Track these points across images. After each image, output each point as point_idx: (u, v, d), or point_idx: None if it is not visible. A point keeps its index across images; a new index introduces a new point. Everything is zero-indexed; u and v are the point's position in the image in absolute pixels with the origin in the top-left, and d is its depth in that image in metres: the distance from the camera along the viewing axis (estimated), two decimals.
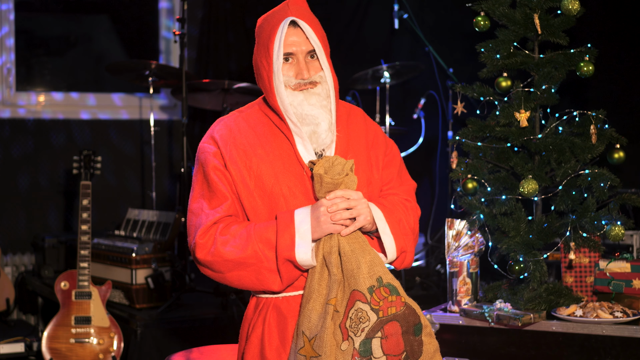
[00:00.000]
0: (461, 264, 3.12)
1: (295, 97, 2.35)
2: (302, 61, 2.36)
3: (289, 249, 2.25)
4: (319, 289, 2.25)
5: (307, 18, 2.37)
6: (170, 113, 6.25)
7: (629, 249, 3.69)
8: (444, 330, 3.09)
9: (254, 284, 2.30)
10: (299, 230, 2.26)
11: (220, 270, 2.30)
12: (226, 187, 2.35)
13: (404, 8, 5.60)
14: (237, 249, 2.27)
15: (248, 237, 2.27)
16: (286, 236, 2.25)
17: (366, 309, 2.20)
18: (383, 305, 2.22)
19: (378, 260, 2.27)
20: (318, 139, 2.36)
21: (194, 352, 2.79)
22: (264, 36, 2.38)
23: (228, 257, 2.27)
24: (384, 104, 5.43)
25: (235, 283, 2.31)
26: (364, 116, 2.57)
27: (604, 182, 2.93)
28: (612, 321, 2.84)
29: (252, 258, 2.27)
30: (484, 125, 3.17)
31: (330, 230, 2.26)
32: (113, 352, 4.05)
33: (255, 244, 2.26)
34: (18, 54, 5.83)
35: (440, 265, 5.03)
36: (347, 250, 2.25)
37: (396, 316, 2.22)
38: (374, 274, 2.24)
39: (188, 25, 5.20)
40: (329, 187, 2.27)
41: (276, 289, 2.30)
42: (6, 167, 5.66)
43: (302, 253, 2.25)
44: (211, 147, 2.39)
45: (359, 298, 2.20)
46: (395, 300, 2.23)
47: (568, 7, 3.04)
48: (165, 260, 4.41)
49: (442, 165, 5.63)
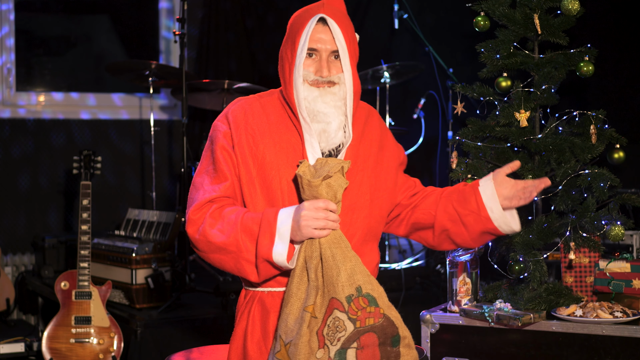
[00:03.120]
0: (461, 264, 3.12)
1: (311, 92, 2.35)
2: (325, 59, 2.36)
3: (268, 248, 2.25)
4: (297, 293, 2.23)
5: (338, 18, 2.36)
6: (170, 113, 6.25)
7: (629, 249, 3.69)
8: (444, 330, 3.09)
9: (232, 270, 2.34)
10: (279, 230, 2.25)
11: (203, 250, 2.33)
12: (229, 168, 2.37)
13: (404, 8, 5.60)
14: (221, 233, 2.29)
15: (234, 224, 2.28)
16: (266, 235, 2.26)
17: (343, 318, 2.18)
18: (361, 316, 2.19)
19: (359, 268, 2.23)
20: (328, 138, 2.36)
21: (194, 352, 2.79)
22: (294, 29, 2.39)
23: (212, 240, 2.30)
24: (384, 104, 5.43)
25: (217, 265, 2.35)
26: (380, 119, 2.58)
27: (604, 182, 2.94)
28: (612, 321, 2.85)
29: (233, 246, 2.28)
30: (484, 125, 3.17)
31: (310, 234, 2.23)
32: (113, 352, 4.05)
33: (239, 233, 2.27)
34: (18, 54, 5.83)
35: (440, 265, 5.03)
36: (328, 255, 2.22)
37: (373, 327, 2.19)
38: (353, 282, 2.20)
39: (188, 25, 5.20)
40: (309, 191, 2.24)
41: (253, 280, 2.33)
42: (6, 167, 5.66)
43: (278, 254, 2.25)
44: (223, 126, 2.42)
45: (337, 306, 2.18)
46: (374, 312, 2.20)
47: (568, 7, 3.04)
48: (165, 260, 4.41)
49: (442, 165, 5.63)
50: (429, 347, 3.10)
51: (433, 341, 3.10)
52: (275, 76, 6.52)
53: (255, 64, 6.25)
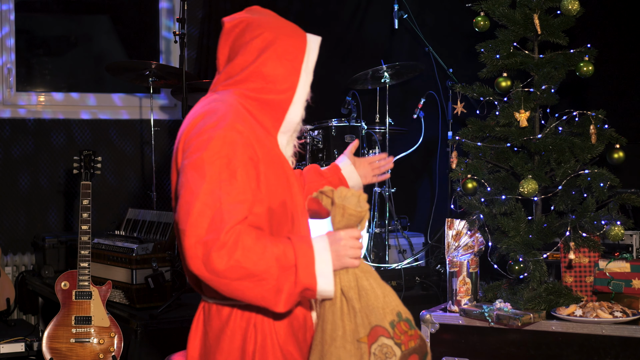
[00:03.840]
0: (461, 263, 3.12)
1: None
2: None
3: (310, 277, 2.17)
4: (343, 325, 2.22)
5: None
6: (171, 113, 6.25)
7: (629, 249, 3.69)
8: (444, 330, 3.09)
9: (256, 299, 2.17)
10: (319, 259, 2.19)
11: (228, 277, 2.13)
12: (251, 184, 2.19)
13: (404, 8, 5.60)
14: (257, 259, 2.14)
15: (264, 250, 2.14)
16: (306, 263, 2.17)
17: (390, 344, 2.21)
18: (404, 339, 2.23)
19: (393, 295, 2.28)
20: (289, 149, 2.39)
21: None
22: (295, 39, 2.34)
23: (246, 265, 2.12)
24: (384, 104, 5.43)
25: (235, 293, 2.17)
26: None
27: (604, 182, 2.94)
28: (611, 321, 2.85)
29: (266, 273, 2.14)
30: (484, 125, 3.17)
31: (348, 264, 2.22)
32: (113, 351, 4.05)
33: (270, 260, 2.14)
34: (18, 54, 5.83)
35: (440, 265, 5.03)
36: (366, 285, 2.25)
37: (415, 349, 2.25)
38: (393, 308, 2.25)
39: (188, 25, 5.20)
40: (351, 220, 2.23)
41: (279, 311, 2.19)
42: (6, 167, 5.66)
43: (324, 284, 2.19)
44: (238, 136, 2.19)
45: (383, 333, 2.21)
46: (414, 334, 2.26)
47: (568, 7, 3.05)
48: (165, 260, 4.41)
49: (442, 165, 5.63)
50: (429, 347, 3.10)
51: (433, 341, 3.10)
52: None
53: None
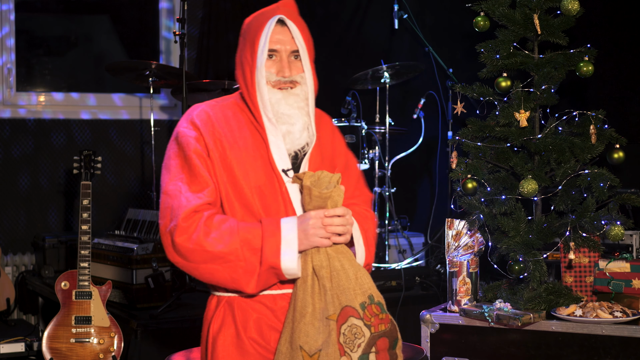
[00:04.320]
0: (461, 263, 3.12)
1: (274, 95, 2.36)
2: (285, 60, 2.37)
3: (275, 255, 2.25)
4: (313, 302, 2.25)
5: (295, 19, 2.39)
6: (171, 113, 6.25)
7: (629, 249, 3.69)
8: (444, 330, 3.09)
9: (226, 281, 2.28)
10: (285, 238, 2.26)
11: (195, 260, 2.26)
12: (208, 172, 2.33)
13: (404, 8, 5.60)
14: (218, 242, 2.25)
15: (231, 233, 2.25)
16: (272, 243, 2.25)
17: (360, 325, 2.23)
18: (374, 322, 2.25)
19: (367, 277, 2.30)
20: (293, 139, 2.38)
21: (194, 352, 2.79)
22: (252, 32, 2.38)
23: (208, 248, 2.24)
24: (384, 104, 5.43)
25: (205, 276, 2.28)
26: (331, 123, 2.60)
27: (604, 182, 2.94)
28: (611, 321, 2.85)
29: (232, 255, 2.25)
30: (484, 125, 3.17)
31: (317, 243, 2.27)
32: (113, 351, 4.05)
33: (237, 243, 2.25)
34: (18, 54, 5.83)
35: (440, 265, 5.03)
36: (338, 265, 2.27)
37: (385, 332, 2.26)
38: (365, 290, 2.26)
39: (188, 25, 5.20)
40: (318, 201, 2.28)
41: (249, 291, 2.29)
42: (6, 167, 5.66)
43: (288, 261, 2.26)
44: (192, 131, 2.35)
45: (352, 314, 2.23)
46: (385, 318, 2.28)
47: (568, 7, 3.05)
48: (165, 260, 4.41)
49: (442, 165, 5.63)
50: (429, 347, 3.10)
51: (433, 341, 3.10)
52: None
53: None
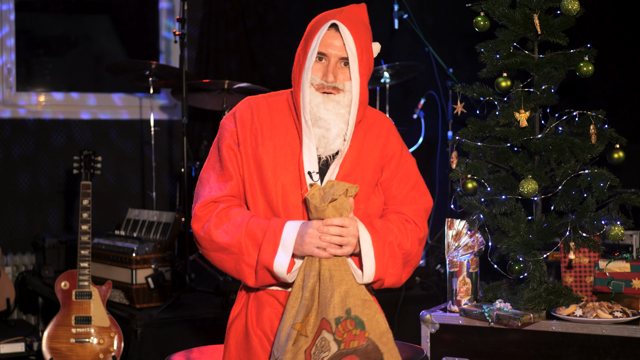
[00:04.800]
0: (461, 263, 3.12)
1: (315, 98, 2.35)
2: (333, 65, 2.36)
3: (269, 256, 2.29)
4: (290, 310, 2.27)
5: (354, 26, 2.36)
6: (171, 113, 6.25)
7: (629, 249, 3.69)
8: (444, 330, 3.09)
9: (231, 271, 2.38)
10: (283, 241, 2.29)
11: (206, 248, 2.38)
12: (234, 167, 2.41)
13: (404, 8, 5.60)
14: (226, 234, 2.33)
15: (239, 227, 2.32)
16: (270, 243, 2.29)
17: (329, 339, 2.23)
18: (346, 338, 2.23)
19: (354, 292, 2.27)
20: (326, 143, 2.36)
21: (194, 352, 2.79)
22: (310, 33, 2.40)
23: (215, 239, 2.34)
24: (384, 104, 5.43)
25: (217, 264, 2.40)
26: (389, 128, 2.53)
27: (604, 182, 2.93)
28: (611, 321, 2.85)
29: (235, 248, 2.33)
30: (484, 125, 3.17)
31: (311, 252, 2.27)
32: (113, 352, 4.05)
33: (243, 236, 2.32)
34: (18, 54, 5.83)
35: (440, 265, 5.03)
36: (326, 276, 2.27)
37: (356, 350, 2.23)
38: (344, 305, 2.25)
39: (188, 25, 5.20)
40: (317, 214, 2.28)
41: (250, 284, 2.37)
42: (6, 167, 5.66)
43: (279, 265, 2.28)
44: (230, 124, 2.44)
45: (326, 327, 2.23)
46: (359, 335, 2.24)
47: (568, 7, 3.04)
48: (165, 260, 4.41)
49: (442, 165, 5.63)
50: (429, 347, 3.10)
51: (433, 341, 3.10)
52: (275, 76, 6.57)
53: (255, 64, 6.24)
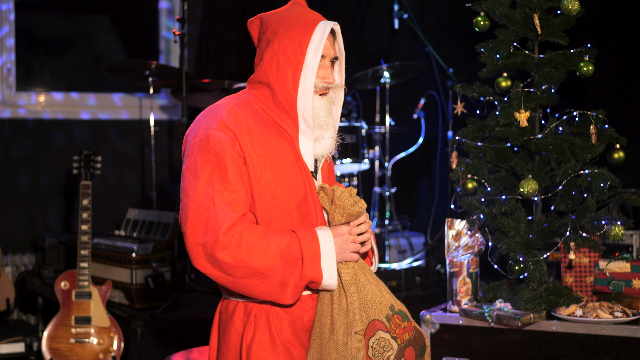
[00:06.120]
0: (461, 264, 3.12)
1: (318, 101, 2.32)
2: (329, 65, 2.34)
3: (316, 271, 2.21)
4: (339, 319, 2.24)
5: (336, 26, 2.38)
6: (170, 113, 6.25)
7: (629, 249, 3.69)
8: (444, 330, 3.09)
9: (262, 295, 2.21)
10: (324, 255, 2.23)
11: (235, 275, 2.17)
12: (243, 179, 2.22)
13: (404, 8, 5.60)
14: (260, 258, 2.17)
15: (268, 247, 2.18)
16: (311, 257, 2.21)
17: (388, 338, 2.24)
18: (399, 332, 2.26)
19: (386, 289, 2.32)
20: (323, 145, 2.35)
21: (194, 352, 2.79)
22: (298, 31, 2.29)
23: (251, 265, 2.16)
24: (384, 104, 5.43)
25: (241, 290, 2.21)
26: None
27: (604, 182, 2.93)
28: (611, 321, 2.85)
29: (271, 270, 2.18)
30: (484, 125, 3.17)
31: (349, 258, 2.28)
32: (113, 352, 4.05)
33: (277, 258, 2.18)
34: (18, 54, 5.83)
35: (440, 265, 5.03)
36: (363, 279, 2.28)
37: (410, 341, 2.28)
38: (386, 302, 2.28)
39: (188, 25, 5.20)
40: (350, 218, 2.28)
41: (285, 303, 2.23)
42: (6, 167, 5.66)
43: (329, 278, 2.23)
44: (225, 135, 2.22)
45: (380, 327, 2.24)
46: (407, 326, 2.29)
47: (568, 7, 3.04)
48: (165, 260, 4.41)
49: (442, 165, 5.63)
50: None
51: (433, 341, 3.10)
52: None
53: None
